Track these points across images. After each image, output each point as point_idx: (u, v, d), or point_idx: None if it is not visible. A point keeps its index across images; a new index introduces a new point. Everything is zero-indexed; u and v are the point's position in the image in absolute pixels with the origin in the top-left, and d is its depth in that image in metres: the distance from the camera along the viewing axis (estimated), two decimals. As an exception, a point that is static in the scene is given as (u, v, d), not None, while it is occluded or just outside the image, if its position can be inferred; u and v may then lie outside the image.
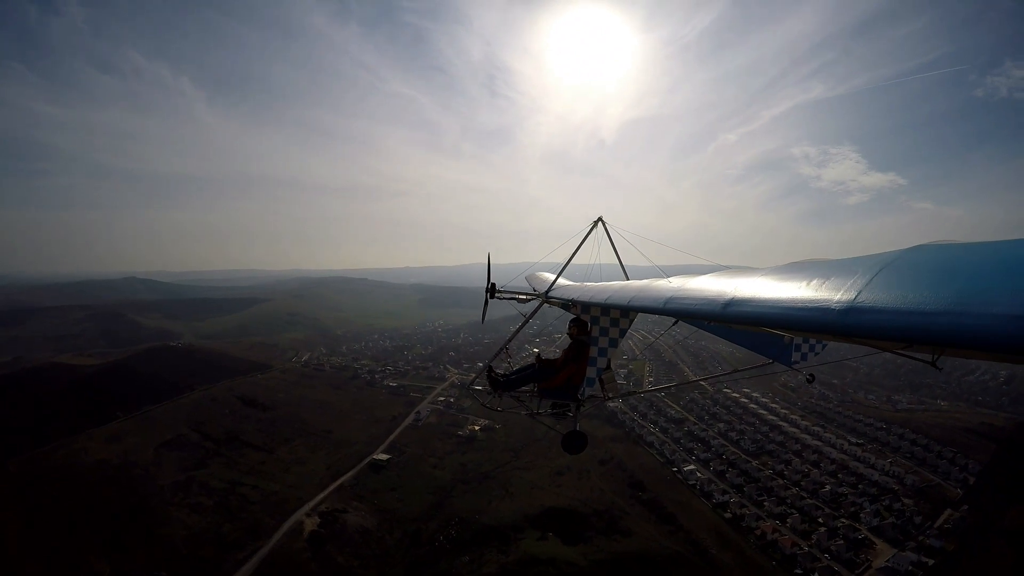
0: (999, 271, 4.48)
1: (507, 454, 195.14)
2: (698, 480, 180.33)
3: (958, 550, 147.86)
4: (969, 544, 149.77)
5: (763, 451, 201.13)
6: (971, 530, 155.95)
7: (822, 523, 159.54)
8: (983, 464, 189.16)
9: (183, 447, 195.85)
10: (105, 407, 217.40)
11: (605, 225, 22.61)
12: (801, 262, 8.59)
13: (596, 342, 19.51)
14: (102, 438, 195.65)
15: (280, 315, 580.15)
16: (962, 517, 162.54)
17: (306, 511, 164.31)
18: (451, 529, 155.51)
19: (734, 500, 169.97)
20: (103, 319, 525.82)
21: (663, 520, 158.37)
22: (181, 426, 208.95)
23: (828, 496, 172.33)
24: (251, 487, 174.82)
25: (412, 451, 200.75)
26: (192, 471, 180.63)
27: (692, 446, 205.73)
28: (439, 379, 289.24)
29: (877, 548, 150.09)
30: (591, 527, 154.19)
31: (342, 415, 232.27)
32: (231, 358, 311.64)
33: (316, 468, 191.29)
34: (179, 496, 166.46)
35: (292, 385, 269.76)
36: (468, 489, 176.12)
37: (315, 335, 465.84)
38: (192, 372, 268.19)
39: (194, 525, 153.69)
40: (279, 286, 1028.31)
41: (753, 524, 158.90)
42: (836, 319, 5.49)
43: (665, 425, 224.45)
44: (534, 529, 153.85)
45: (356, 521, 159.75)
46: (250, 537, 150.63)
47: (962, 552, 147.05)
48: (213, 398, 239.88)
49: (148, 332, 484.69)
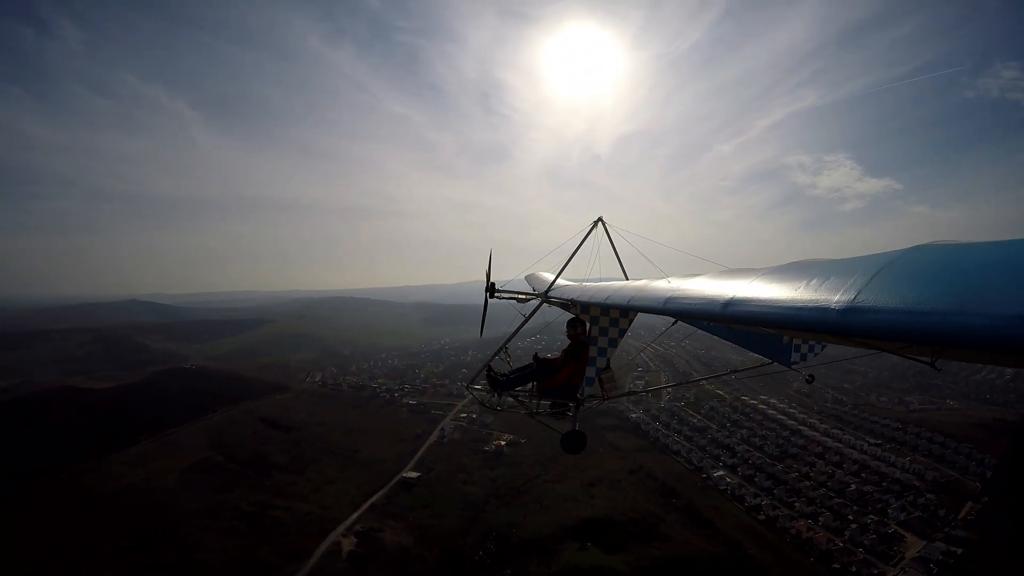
0: (999, 271, 4.62)
1: (536, 467, 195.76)
2: (728, 485, 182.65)
3: (982, 539, 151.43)
4: (992, 533, 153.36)
5: (787, 455, 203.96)
6: (993, 520, 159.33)
7: (852, 520, 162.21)
8: (999, 458, 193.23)
9: (209, 470, 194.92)
10: (126, 430, 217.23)
11: (605, 225, 22.91)
12: (801, 262, 8.79)
13: (595, 342, 19.82)
14: (126, 462, 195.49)
15: (285, 336, 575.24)
16: (983, 508, 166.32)
17: (341, 531, 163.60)
18: (490, 544, 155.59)
19: (766, 503, 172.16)
20: (108, 342, 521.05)
21: (700, 525, 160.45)
22: (205, 449, 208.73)
23: (855, 495, 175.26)
24: (282, 509, 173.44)
25: (441, 468, 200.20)
26: (220, 494, 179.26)
27: (718, 453, 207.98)
28: (458, 396, 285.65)
29: (907, 541, 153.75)
30: (629, 535, 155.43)
31: (366, 434, 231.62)
32: (246, 379, 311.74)
33: (347, 488, 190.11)
34: (210, 520, 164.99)
35: (312, 405, 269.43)
36: (501, 504, 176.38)
37: (323, 355, 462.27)
38: (209, 394, 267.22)
39: (229, 549, 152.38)
40: (281, 307, 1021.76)
41: (787, 524, 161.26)
42: (835, 319, 5.67)
43: (689, 434, 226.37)
44: (573, 540, 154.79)
45: (394, 539, 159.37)
46: (287, 560, 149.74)
47: (986, 541, 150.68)
48: (235, 420, 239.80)
49: (155, 354, 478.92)
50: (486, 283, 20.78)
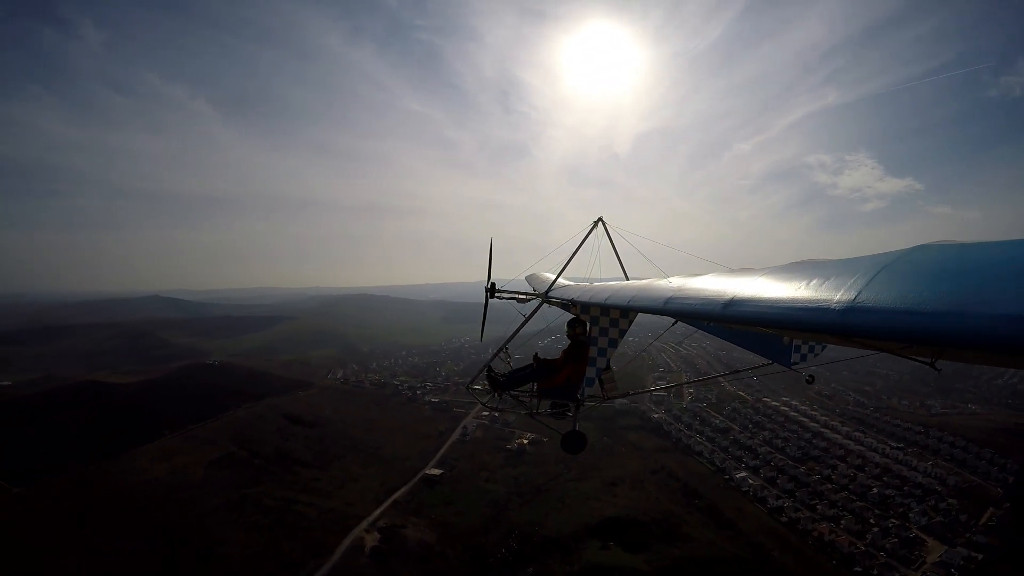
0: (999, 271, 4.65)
1: (558, 466, 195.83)
2: (750, 487, 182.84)
3: (1003, 545, 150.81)
4: (1013, 539, 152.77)
5: (809, 457, 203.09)
6: (1014, 526, 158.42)
7: (874, 524, 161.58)
8: (1021, 463, 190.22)
9: (233, 465, 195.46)
10: (150, 425, 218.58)
11: (605, 225, 23.28)
12: (801, 262, 8.90)
13: (596, 342, 20.00)
14: (151, 456, 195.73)
15: (306, 333, 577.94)
16: (1004, 514, 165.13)
17: (364, 527, 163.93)
18: (512, 542, 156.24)
19: (788, 504, 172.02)
20: (131, 337, 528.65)
21: (722, 526, 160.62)
22: (229, 444, 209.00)
23: (876, 498, 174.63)
24: (306, 504, 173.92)
25: (463, 466, 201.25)
26: (244, 489, 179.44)
27: (740, 454, 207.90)
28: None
29: (928, 545, 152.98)
30: (651, 535, 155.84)
31: (389, 431, 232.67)
32: (270, 375, 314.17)
33: (370, 484, 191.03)
34: (234, 515, 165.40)
35: (335, 402, 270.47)
36: (523, 502, 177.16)
37: (344, 352, 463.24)
38: (232, 390, 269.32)
39: (252, 544, 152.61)
40: (301, 304, 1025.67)
41: (809, 527, 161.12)
42: (836, 319, 5.70)
43: (711, 435, 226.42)
44: (595, 539, 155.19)
45: (416, 536, 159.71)
46: (311, 554, 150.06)
47: (1007, 547, 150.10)
48: (258, 416, 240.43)
49: (177, 350, 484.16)
50: (486, 282, 21.84)
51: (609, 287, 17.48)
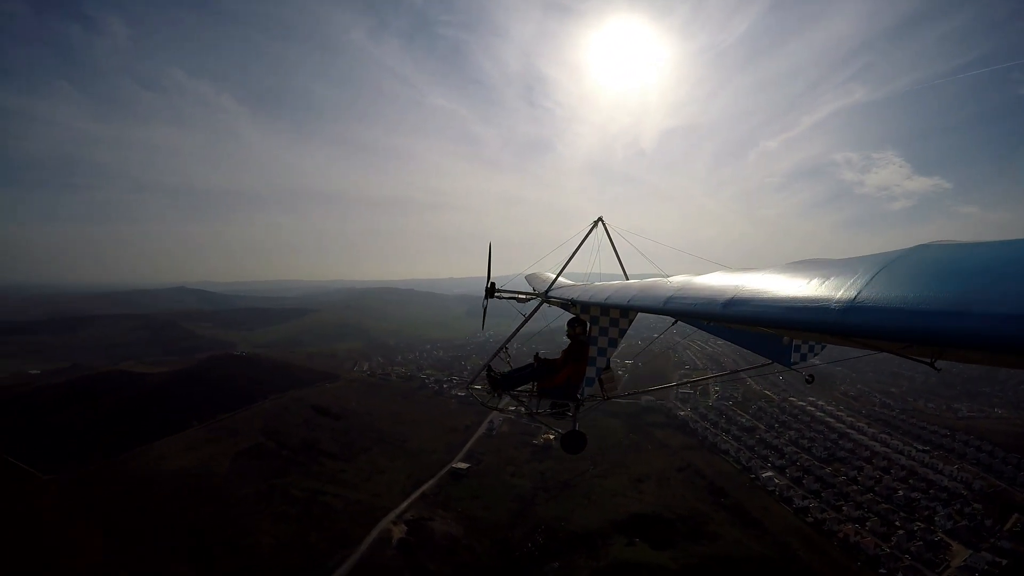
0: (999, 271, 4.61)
1: (584, 463, 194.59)
2: (777, 486, 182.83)
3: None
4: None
5: (835, 458, 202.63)
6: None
7: (899, 526, 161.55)
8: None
9: (261, 456, 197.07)
10: (179, 415, 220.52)
11: (605, 225, 23.12)
12: (801, 262, 8.67)
13: (596, 342, 19.91)
14: (179, 446, 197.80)
15: (331, 325, 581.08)
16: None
17: (392, 519, 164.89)
18: (538, 536, 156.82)
19: (814, 505, 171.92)
20: (157, 328, 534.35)
21: (748, 525, 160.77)
22: (257, 435, 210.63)
23: (902, 501, 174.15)
24: (333, 496, 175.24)
25: (489, 460, 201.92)
26: (272, 480, 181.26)
27: (766, 453, 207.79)
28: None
29: (953, 549, 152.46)
30: (677, 532, 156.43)
31: (415, 424, 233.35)
32: (296, 367, 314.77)
33: (397, 477, 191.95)
34: (262, 505, 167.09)
35: (361, 395, 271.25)
36: (550, 497, 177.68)
37: (369, 345, 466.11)
38: (259, 381, 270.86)
39: (280, 534, 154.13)
40: (325, 297, 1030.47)
41: (835, 528, 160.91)
42: (836, 319, 5.66)
43: (738, 433, 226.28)
44: (621, 535, 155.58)
45: (443, 529, 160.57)
46: (338, 545, 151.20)
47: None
48: (285, 407, 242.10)
49: (203, 341, 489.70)
50: (486, 282, 21.55)
51: (609, 287, 17.59)
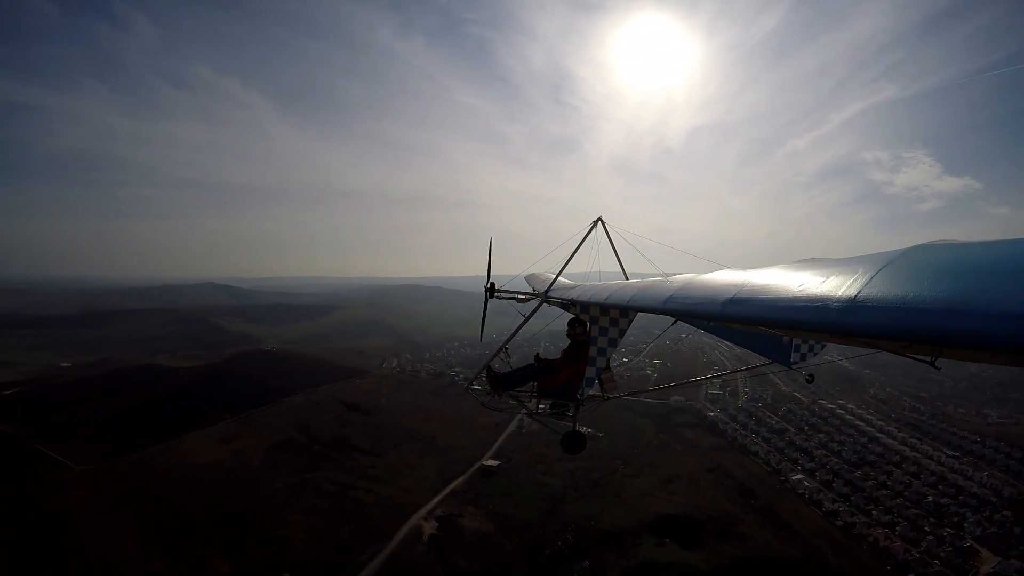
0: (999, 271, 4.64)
1: (614, 462, 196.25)
2: (806, 489, 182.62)
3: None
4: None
5: (864, 462, 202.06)
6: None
7: (929, 532, 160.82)
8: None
9: (293, 450, 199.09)
10: (211, 409, 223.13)
11: (605, 225, 23.09)
12: (802, 261, 8.79)
13: (595, 342, 19.89)
14: (212, 439, 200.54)
15: (358, 322, 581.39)
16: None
17: (422, 515, 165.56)
18: (568, 534, 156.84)
19: (843, 509, 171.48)
20: (187, 322, 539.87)
21: (778, 527, 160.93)
22: (289, 429, 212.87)
23: (931, 506, 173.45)
24: (365, 491, 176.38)
25: (520, 458, 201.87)
26: (304, 474, 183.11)
27: (796, 456, 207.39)
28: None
29: (982, 556, 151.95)
30: (707, 533, 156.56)
31: (446, 421, 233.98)
32: (326, 363, 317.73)
33: (427, 473, 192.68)
34: (294, 498, 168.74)
35: (392, 391, 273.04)
36: (580, 496, 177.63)
37: (397, 342, 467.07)
38: (290, 376, 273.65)
39: (312, 527, 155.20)
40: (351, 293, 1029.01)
41: (864, 532, 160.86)
42: (835, 319, 5.68)
43: (767, 435, 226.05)
44: (651, 535, 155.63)
45: (474, 526, 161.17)
46: (370, 540, 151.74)
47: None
48: (316, 402, 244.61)
49: (232, 336, 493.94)
50: (486, 282, 21.84)
51: (609, 287, 17.73)
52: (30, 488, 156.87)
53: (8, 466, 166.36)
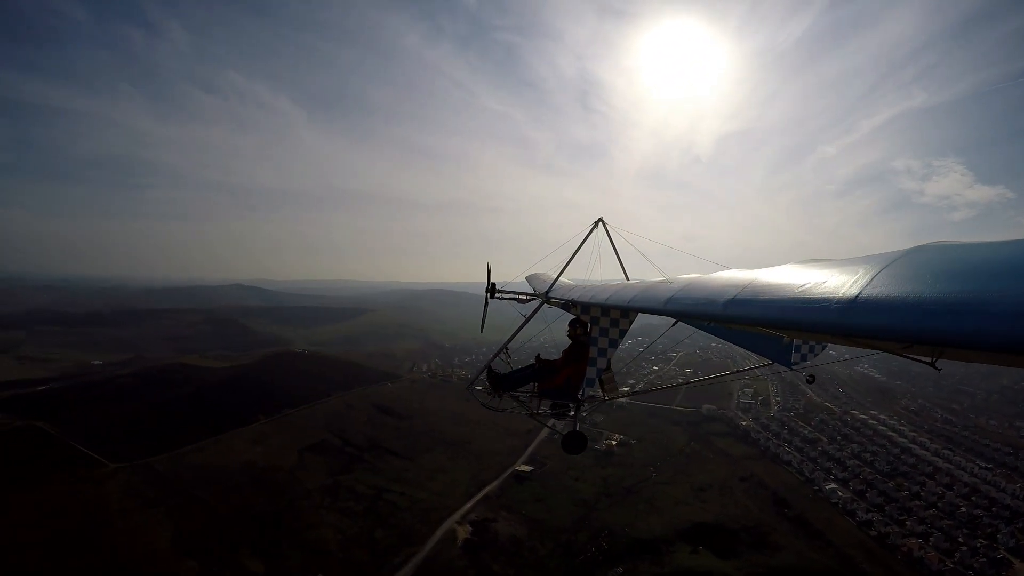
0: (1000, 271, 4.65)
1: (647, 469, 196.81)
2: (840, 499, 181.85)
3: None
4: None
5: (898, 472, 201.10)
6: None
7: (962, 543, 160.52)
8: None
9: (326, 452, 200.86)
10: (245, 409, 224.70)
11: (606, 226, 22.91)
12: (804, 261, 8.83)
13: (596, 342, 19.87)
14: (245, 439, 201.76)
15: (387, 326, 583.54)
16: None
17: (456, 519, 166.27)
18: (602, 541, 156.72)
19: (877, 519, 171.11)
20: (216, 323, 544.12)
21: (812, 536, 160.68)
22: (322, 431, 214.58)
23: (965, 518, 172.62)
24: (398, 494, 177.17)
25: (552, 464, 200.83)
26: (337, 476, 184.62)
27: (829, 466, 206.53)
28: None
29: (1015, 567, 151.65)
30: (741, 542, 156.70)
31: (477, 426, 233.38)
32: (358, 366, 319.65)
33: (460, 477, 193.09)
34: (328, 500, 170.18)
35: (423, 395, 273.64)
36: (612, 502, 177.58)
37: (427, 346, 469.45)
38: (323, 378, 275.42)
39: (346, 529, 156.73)
40: (380, 297, 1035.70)
41: (899, 542, 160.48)
42: (836, 319, 5.70)
43: (800, 445, 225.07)
44: (684, 543, 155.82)
45: (507, 530, 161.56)
46: (403, 543, 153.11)
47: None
48: (349, 405, 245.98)
49: (261, 337, 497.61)
50: (486, 282, 21.54)
51: (609, 287, 17.78)
52: (66, 484, 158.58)
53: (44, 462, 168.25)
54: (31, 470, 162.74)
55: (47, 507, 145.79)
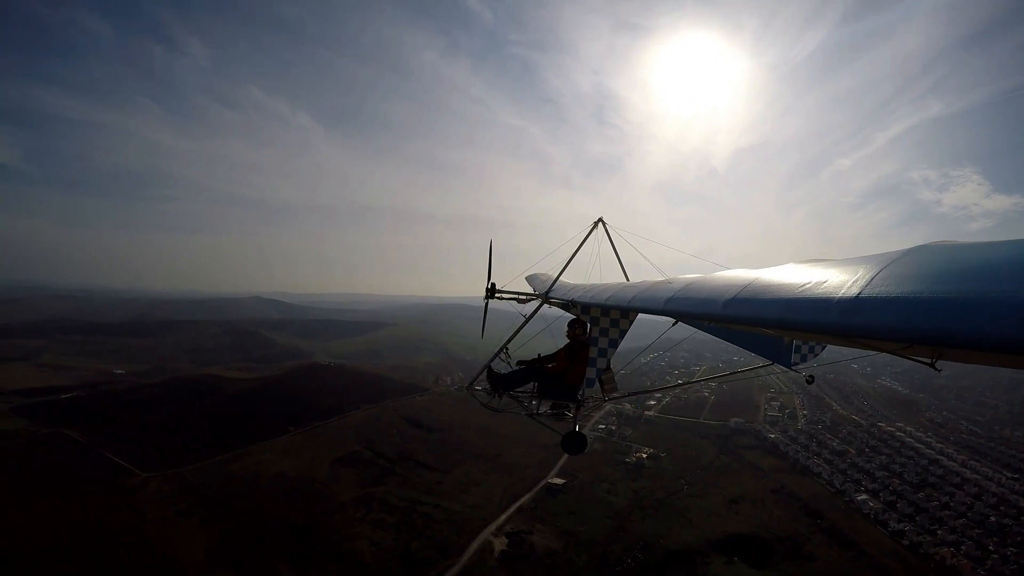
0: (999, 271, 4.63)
1: (678, 482, 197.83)
2: (871, 509, 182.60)
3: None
4: None
5: (926, 483, 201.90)
6: None
7: (993, 551, 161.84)
8: None
9: (358, 464, 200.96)
10: (274, 421, 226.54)
11: (606, 226, 23.36)
12: (805, 261, 8.92)
13: (596, 343, 20.05)
14: (276, 451, 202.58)
15: (408, 339, 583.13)
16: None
17: (491, 531, 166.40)
18: (637, 553, 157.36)
19: (909, 528, 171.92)
20: (237, 335, 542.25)
21: (845, 546, 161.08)
22: (352, 443, 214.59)
23: (994, 526, 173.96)
24: (432, 506, 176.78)
25: (584, 476, 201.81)
26: (369, 487, 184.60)
27: (859, 477, 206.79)
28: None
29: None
30: (775, 553, 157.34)
31: (508, 439, 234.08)
32: (384, 379, 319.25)
33: (493, 490, 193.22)
34: (361, 511, 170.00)
35: (452, 408, 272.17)
36: (645, 515, 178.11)
37: (448, 360, 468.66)
38: (349, 391, 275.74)
39: (381, 541, 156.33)
40: (399, 311, 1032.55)
41: (931, 551, 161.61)
42: (836, 320, 5.72)
43: (829, 457, 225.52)
44: (719, 554, 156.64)
45: (543, 543, 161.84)
46: (439, 555, 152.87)
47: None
48: (378, 417, 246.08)
49: (282, 350, 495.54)
50: (487, 283, 21.84)
51: (609, 287, 18.00)
52: (97, 492, 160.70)
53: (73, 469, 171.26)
54: (61, 477, 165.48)
55: (79, 514, 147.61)
